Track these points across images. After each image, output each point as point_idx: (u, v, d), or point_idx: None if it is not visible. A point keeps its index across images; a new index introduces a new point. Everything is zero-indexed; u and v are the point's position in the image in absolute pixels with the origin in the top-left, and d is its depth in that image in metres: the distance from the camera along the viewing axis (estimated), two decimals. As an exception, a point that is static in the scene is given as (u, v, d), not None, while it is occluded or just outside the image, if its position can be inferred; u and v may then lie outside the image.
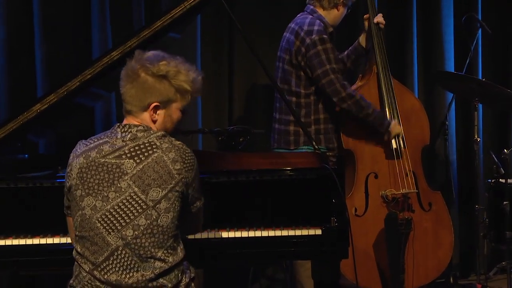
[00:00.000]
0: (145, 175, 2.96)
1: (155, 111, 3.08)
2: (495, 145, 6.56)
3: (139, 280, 2.93)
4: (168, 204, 2.97)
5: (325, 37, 4.74)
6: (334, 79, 4.72)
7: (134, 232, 2.93)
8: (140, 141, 3.01)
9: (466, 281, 6.39)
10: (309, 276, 4.13)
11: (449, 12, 6.53)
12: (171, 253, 3.00)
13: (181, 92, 3.10)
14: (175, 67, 3.09)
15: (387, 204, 5.07)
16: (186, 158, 3.03)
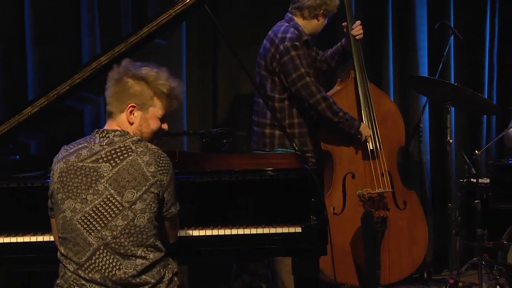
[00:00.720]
0: (120, 177, 2.96)
1: (131, 112, 3.09)
2: (466, 146, 6.59)
3: (122, 277, 2.93)
4: (143, 205, 2.96)
5: (297, 44, 4.75)
6: (309, 82, 4.73)
7: (112, 232, 2.94)
8: (116, 145, 3.02)
9: (440, 276, 6.42)
10: (289, 272, 4.14)
11: (423, 20, 6.56)
12: (152, 250, 3.00)
13: (158, 95, 3.12)
14: (156, 73, 3.12)
15: (363, 203, 5.08)
16: (161, 162, 3.03)
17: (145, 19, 5.15)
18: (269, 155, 4.60)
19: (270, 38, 4.86)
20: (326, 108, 4.81)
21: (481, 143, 6.71)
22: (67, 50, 5.16)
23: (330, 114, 4.84)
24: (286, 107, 4.84)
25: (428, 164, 6.59)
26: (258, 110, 4.93)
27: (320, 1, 4.88)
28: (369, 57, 5.35)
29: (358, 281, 5.10)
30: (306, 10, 4.89)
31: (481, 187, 5.45)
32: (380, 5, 6.38)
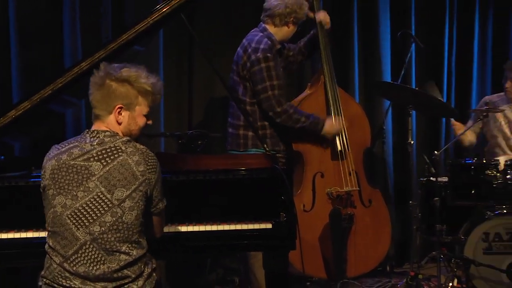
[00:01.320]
0: (111, 176, 2.96)
1: (119, 112, 3.09)
2: (426, 147, 6.63)
3: (105, 271, 2.93)
4: (132, 203, 2.97)
5: (269, 56, 4.75)
6: (271, 95, 4.74)
7: (101, 228, 2.93)
8: (107, 145, 3.01)
9: (401, 269, 6.45)
10: (261, 266, 4.13)
11: (386, 28, 6.60)
12: (135, 247, 3.00)
13: (142, 93, 3.12)
14: (136, 72, 3.12)
15: (332, 201, 5.10)
16: (149, 161, 3.03)
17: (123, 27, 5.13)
18: (241, 155, 4.61)
19: (244, 46, 4.86)
20: (286, 119, 4.83)
21: (440, 144, 6.76)
22: (50, 57, 5.12)
23: (291, 124, 4.86)
24: (256, 110, 4.84)
25: (391, 164, 6.63)
26: (232, 112, 4.94)
27: (290, 9, 4.88)
28: (336, 63, 5.36)
29: (325, 274, 5.12)
30: (277, 17, 4.90)
31: (440, 186, 5.48)
32: (345, 14, 6.41)
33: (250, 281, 4.68)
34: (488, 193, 5.26)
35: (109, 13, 5.31)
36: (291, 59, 5.18)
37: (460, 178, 5.36)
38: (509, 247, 5.04)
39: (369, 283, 5.76)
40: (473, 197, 5.30)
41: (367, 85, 6.53)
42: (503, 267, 4.99)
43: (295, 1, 4.91)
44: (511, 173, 5.22)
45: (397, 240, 6.50)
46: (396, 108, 6.46)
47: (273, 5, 4.90)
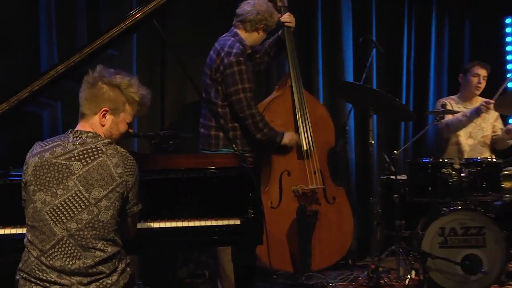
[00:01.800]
0: (89, 176, 2.95)
1: (104, 115, 3.09)
2: (387, 147, 6.66)
3: (80, 266, 2.92)
4: (108, 202, 2.96)
5: (241, 60, 4.76)
6: (242, 98, 4.75)
7: (77, 225, 2.92)
8: (88, 146, 3.01)
9: (363, 262, 6.48)
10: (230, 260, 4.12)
11: (349, 34, 6.64)
12: (111, 244, 2.99)
13: (130, 102, 3.13)
14: (128, 80, 3.12)
15: (298, 198, 5.11)
16: (128, 164, 3.03)
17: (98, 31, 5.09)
18: (211, 155, 4.61)
19: (216, 50, 4.85)
20: (251, 124, 4.84)
21: (399, 144, 6.81)
22: (27, 61, 5.08)
23: (253, 130, 4.87)
24: (228, 112, 4.84)
25: (353, 163, 6.67)
26: (204, 113, 4.93)
27: (261, 17, 4.90)
28: (301, 67, 5.38)
29: (291, 267, 5.13)
30: (248, 23, 4.91)
31: (399, 183, 5.52)
32: (310, 20, 6.43)
33: (219, 275, 4.68)
34: (444, 190, 5.29)
35: (84, 18, 5.29)
36: (258, 61, 5.18)
37: (418, 176, 5.40)
38: (463, 241, 5.08)
39: (332, 276, 5.77)
40: (430, 194, 5.34)
41: (330, 88, 6.55)
42: (457, 260, 5.03)
43: (266, 9, 4.92)
44: (465, 172, 5.27)
45: (359, 235, 6.54)
46: (358, 110, 6.50)
47: (246, 11, 4.91)
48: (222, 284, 4.66)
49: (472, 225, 5.08)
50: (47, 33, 5.05)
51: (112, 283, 2.98)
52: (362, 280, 5.50)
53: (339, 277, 5.77)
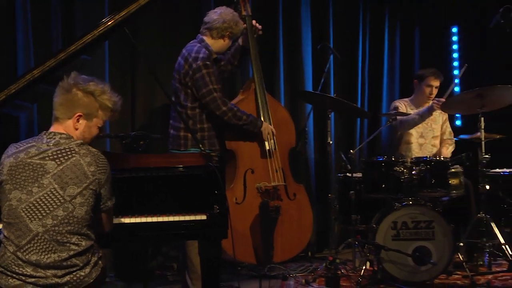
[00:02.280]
0: (64, 174, 2.94)
1: (78, 120, 3.07)
2: (344, 146, 6.70)
3: (55, 260, 2.90)
4: (82, 199, 2.95)
5: (208, 63, 4.75)
6: (216, 97, 4.75)
7: (53, 221, 2.91)
8: (62, 146, 2.99)
9: (321, 254, 6.52)
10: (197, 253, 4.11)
11: (308, 41, 6.67)
12: (84, 238, 2.98)
13: (103, 108, 3.12)
14: (102, 88, 3.12)
15: (261, 194, 5.11)
16: (100, 163, 3.03)
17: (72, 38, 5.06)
18: (179, 154, 4.59)
19: (184, 56, 4.84)
20: (231, 117, 4.84)
21: (355, 144, 6.85)
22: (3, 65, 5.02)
23: (235, 121, 4.88)
24: (197, 114, 4.82)
25: (313, 161, 6.69)
26: (174, 116, 4.91)
27: (227, 25, 4.89)
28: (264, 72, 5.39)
29: (254, 259, 5.12)
30: (215, 31, 4.90)
31: (355, 180, 5.55)
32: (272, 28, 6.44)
33: (187, 267, 4.67)
34: (396, 187, 5.32)
35: (59, 24, 5.25)
36: (222, 68, 5.18)
37: (372, 174, 5.42)
38: (414, 234, 5.11)
39: (293, 267, 5.80)
40: (383, 191, 5.37)
41: (291, 91, 6.56)
42: (408, 252, 5.07)
43: (232, 18, 4.92)
44: (416, 170, 5.31)
45: (318, 229, 6.56)
46: (317, 112, 6.52)
47: (213, 20, 4.91)
48: (190, 276, 4.65)
49: (422, 219, 5.12)
50: (24, 38, 4.99)
51: (85, 275, 2.97)
52: (321, 271, 5.52)
53: (299, 269, 5.80)
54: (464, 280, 5.21)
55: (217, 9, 5.00)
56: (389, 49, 7.26)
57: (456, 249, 5.20)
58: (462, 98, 5.55)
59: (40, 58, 4.74)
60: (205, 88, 4.74)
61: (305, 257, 6.21)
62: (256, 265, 5.24)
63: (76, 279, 2.95)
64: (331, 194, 5.67)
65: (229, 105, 4.86)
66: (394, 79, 7.30)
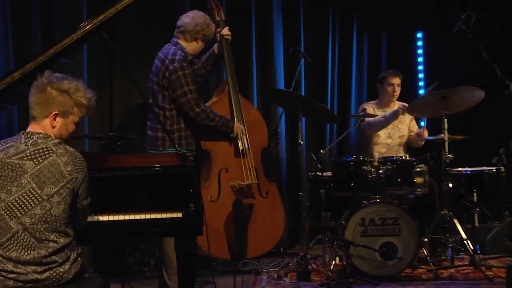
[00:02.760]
0: (41, 174, 2.92)
1: (54, 118, 3.05)
2: (314, 147, 6.71)
3: (35, 257, 2.89)
4: (60, 198, 2.94)
5: (184, 65, 4.75)
6: (190, 98, 4.75)
7: (31, 219, 2.90)
8: (39, 146, 2.97)
9: (293, 250, 6.52)
10: (173, 249, 4.12)
11: (280, 46, 6.68)
12: (63, 236, 2.97)
13: (78, 105, 3.10)
14: (76, 85, 3.09)
15: (234, 192, 5.12)
16: (77, 162, 3.01)
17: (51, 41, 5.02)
18: (156, 154, 4.58)
19: (161, 59, 4.82)
20: (204, 118, 4.85)
21: (325, 144, 6.87)
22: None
23: (208, 122, 4.88)
24: (175, 115, 4.81)
25: (284, 161, 6.70)
26: (151, 117, 4.89)
27: (199, 27, 4.90)
28: (238, 75, 5.40)
29: (229, 255, 5.13)
30: (188, 34, 4.90)
31: (325, 179, 5.55)
32: (246, 33, 6.44)
33: (164, 262, 4.65)
34: (364, 185, 5.35)
35: (39, 28, 5.21)
36: (196, 72, 5.17)
37: (341, 173, 5.43)
38: (381, 230, 5.15)
39: (266, 263, 5.79)
40: (352, 189, 5.38)
41: (264, 94, 6.57)
42: (376, 247, 5.10)
43: (204, 21, 4.93)
44: (383, 169, 5.35)
45: (289, 225, 6.56)
46: (288, 114, 6.53)
47: (185, 23, 4.91)
48: (167, 271, 4.64)
49: (389, 216, 5.15)
50: (3, 41, 4.94)
51: (65, 271, 2.96)
52: (293, 266, 5.52)
53: (272, 264, 5.79)
54: (428, 273, 5.25)
55: (189, 13, 5.00)
56: (357, 53, 7.30)
57: (420, 245, 5.23)
58: (427, 100, 5.59)
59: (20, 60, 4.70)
60: (180, 90, 4.73)
61: (277, 252, 6.21)
62: (230, 260, 5.25)
63: (56, 275, 2.94)
64: (302, 193, 5.69)
65: (203, 106, 4.86)
66: (362, 82, 7.33)
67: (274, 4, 6.65)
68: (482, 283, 4.99)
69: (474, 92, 5.38)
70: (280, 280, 5.24)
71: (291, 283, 5.15)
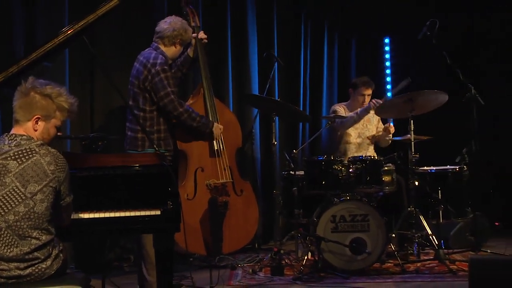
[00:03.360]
0: (25, 173, 2.93)
1: (36, 122, 3.06)
2: (287, 147, 6.72)
3: (18, 254, 2.90)
4: (43, 196, 2.94)
5: (166, 68, 4.75)
6: (173, 99, 4.75)
7: (15, 216, 2.90)
8: (23, 147, 2.98)
9: (267, 246, 6.53)
10: (152, 245, 4.10)
11: (254, 50, 6.69)
12: (45, 233, 2.97)
13: (60, 109, 3.11)
14: (58, 90, 3.11)
15: (210, 191, 5.12)
16: (59, 162, 3.02)
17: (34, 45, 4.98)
18: (134, 154, 4.56)
19: (142, 63, 4.80)
20: (187, 118, 4.86)
21: (298, 144, 6.89)
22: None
23: (190, 121, 4.89)
24: (154, 116, 4.79)
25: (259, 160, 6.71)
26: (131, 119, 4.86)
27: (177, 33, 4.90)
28: (214, 78, 5.41)
29: (205, 251, 5.14)
30: (166, 39, 4.90)
31: (298, 178, 5.56)
32: (221, 37, 6.45)
33: (143, 258, 4.64)
34: (335, 183, 5.38)
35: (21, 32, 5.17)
36: (173, 75, 5.17)
37: (313, 172, 5.45)
38: (351, 227, 5.17)
39: (241, 258, 5.80)
40: (324, 187, 5.41)
41: (239, 97, 6.57)
42: (346, 243, 5.12)
43: (181, 26, 4.93)
44: (352, 168, 5.38)
45: (264, 222, 6.57)
46: (263, 115, 6.55)
47: (163, 29, 4.91)
48: (145, 266, 4.62)
49: (358, 213, 5.17)
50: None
51: (47, 267, 2.96)
52: (267, 261, 5.53)
53: (246, 259, 5.80)
54: (395, 267, 5.28)
55: (167, 19, 5.00)
56: (328, 58, 7.34)
57: (388, 240, 5.26)
58: (394, 102, 5.63)
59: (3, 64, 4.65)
60: (163, 91, 4.73)
61: (252, 248, 6.23)
62: (207, 256, 5.25)
63: (38, 271, 2.94)
64: (275, 191, 5.69)
65: (185, 106, 4.87)
66: (333, 85, 7.37)
67: (249, 12, 6.66)
68: (446, 276, 5.04)
69: (438, 95, 5.44)
70: (255, 275, 5.25)
71: (265, 277, 5.16)
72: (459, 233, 6.05)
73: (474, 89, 5.36)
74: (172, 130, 4.93)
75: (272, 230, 6.08)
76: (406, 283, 4.91)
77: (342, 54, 7.46)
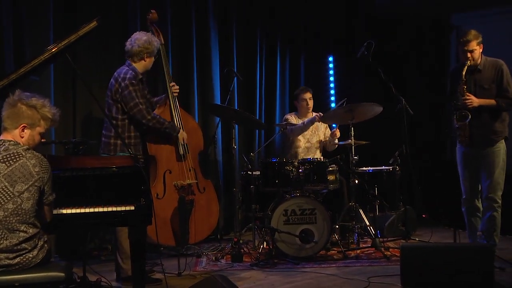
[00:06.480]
0: (13, 174, 2.93)
1: (23, 129, 3.07)
2: (245, 150, 6.74)
3: (7, 245, 2.90)
4: (29, 194, 2.95)
5: (134, 82, 4.68)
6: (141, 108, 4.71)
7: (4, 213, 2.90)
8: (10, 151, 2.99)
9: (228, 236, 6.53)
10: (126, 237, 4.09)
11: (216, 66, 6.68)
12: (31, 226, 2.98)
13: (44, 118, 3.12)
14: (42, 102, 3.13)
15: (178, 190, 5.10)
16: (43, 164, 3.03)
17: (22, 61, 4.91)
18: (112, 157, 4.52)
19: (115, 77, 4.76)
20: (156, 123, 4.82)
21: (254, 148, 6.91)
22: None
23: (159, 126, 4.86)
24: (126, 124, 4.74)
25: (221, 162, 6.70)
26: (106, 126, 4.82)
27: (142, 48, 4.77)
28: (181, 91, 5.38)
29: (174, 242, 5.12)
30: (134, 56, 4.80)
31: (255, 177, 5.59)
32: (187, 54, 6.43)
33: (118, 248, 4.61)
34: (287, 182, 5.41)
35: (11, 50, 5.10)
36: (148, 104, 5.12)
37: (268, 172, 5.48)
38: (301, 219, 5.21)
39: (205, 247, 5.81)
40: (277, 185, 5.44)
41: (203, 107, 6.56)
42: (296, 233, 5.17)
43: (145, 40, 4.77)
44: (302, 168, 5.42)
45: (225, 215, 6.59)
46: (224, 122, 6.55)
47: (129, 48, 4.80)
48: (120, 256, 4.59)
49: (307, 207, 5.23)
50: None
51: (33, 257, 2.96)
52: (228, 249, 5.55)
53: (210, 248, 5.81)
54: (338, 254, 5.35)
55: (132, 37, 4.86)
56: (280, 73, 7.37)
57: (333, 231, 5.32)
58: (337, 112, 5.71)
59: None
60: (132, 102, 4.69)
61: (215, 238, 6.22)
62: (175, 246, 5.24)
63: (26, 260, 2.94)
64: (235, 188, 5.70)
65: (153, 114, 4.84)
66: (285, 96, 7.40)
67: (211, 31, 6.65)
68: (381, 261, 5.12)
69: (374, 106, 5.53)
70: (218, 262, 5.26)
71: (226, 264, 5.18)
72: (392, 224, 6.15)
73: (404, 101, 5.45)
74: (142, 137, 4.90)
75: (233, 222, 6.08)
76: (347, 268, 4.97)
77: (293, 69, 7.50)
